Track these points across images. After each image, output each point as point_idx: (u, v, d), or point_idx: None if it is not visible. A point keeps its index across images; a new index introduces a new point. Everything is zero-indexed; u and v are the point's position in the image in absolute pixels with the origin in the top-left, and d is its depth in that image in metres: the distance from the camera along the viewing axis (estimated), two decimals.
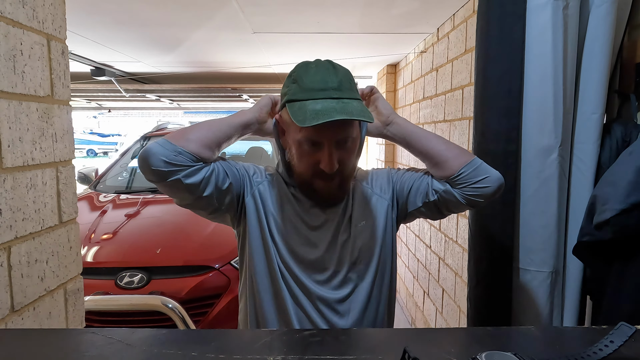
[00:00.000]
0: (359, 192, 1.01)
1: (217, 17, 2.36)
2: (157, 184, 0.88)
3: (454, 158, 0.94)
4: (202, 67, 4.11)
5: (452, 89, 2.31)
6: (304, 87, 0.86)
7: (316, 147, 0.87)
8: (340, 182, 0.93)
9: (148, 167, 0.84)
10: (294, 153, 0.91)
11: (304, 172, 0.91)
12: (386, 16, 2.35)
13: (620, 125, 1.10)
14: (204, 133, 0.89)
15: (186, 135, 0.88)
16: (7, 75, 0.74)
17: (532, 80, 1.12)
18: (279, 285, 0.93)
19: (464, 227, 2.10)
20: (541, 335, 0.52)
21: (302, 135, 0.86)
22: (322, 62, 0.90)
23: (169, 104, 6.40)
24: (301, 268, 0.94)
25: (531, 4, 1.09)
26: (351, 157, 0.92)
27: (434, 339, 0.50)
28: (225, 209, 0.95)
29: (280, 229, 0.95)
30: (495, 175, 0.93)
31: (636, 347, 0.47)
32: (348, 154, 0.90)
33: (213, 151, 0.90)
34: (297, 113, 0.83)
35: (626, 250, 0.94)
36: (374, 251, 0.97)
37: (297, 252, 0.94)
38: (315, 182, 0.91)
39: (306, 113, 0.82)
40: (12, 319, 0.75)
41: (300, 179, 0.95)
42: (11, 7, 0.75)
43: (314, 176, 0.91)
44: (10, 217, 0.74)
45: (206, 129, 0.90)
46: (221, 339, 0.49)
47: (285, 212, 0.96)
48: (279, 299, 0.94)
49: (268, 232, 0.94)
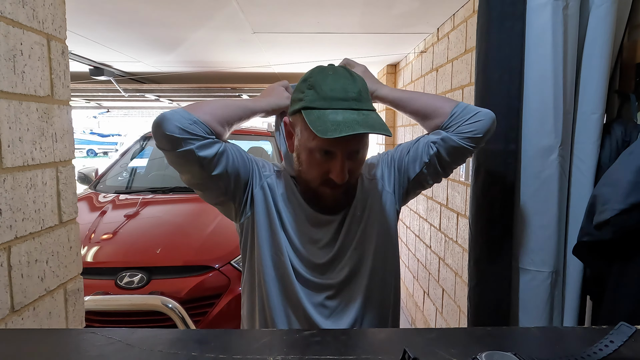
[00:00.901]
0: (363, 187, 1.00)
1: (217, 17, 2.36)
2: (168, 154, 0.85)
3: (443, 104, 0.98)
4: (202, 67, 4.11)
5: (452, 89, 2.31)
6: (322, 95, 0.84)
7: (328, 156, 0.86)
8: (347, 189, 0.93)
9: (162, 132, 0.81)
10: (303, 160, 0.90)
11: (312, 180, 0.91)
12: (386, 16, 2.35)
13: (620, 125, 1.10)
14: (220, 109, 0.88)
15: (202, 107, 0.86)
16: (7, 75, 0.74)
17: (532, 80, 1.12)
18: (289, 276, 0.93)
19: (464, 227, 2.10)
20: (541, 335, 0.52)
21: (315, 144, 0.85)
22: (339, 70, 0.89)
23: (168, 104, 6.40)
24: (304, 263, 0.94)
25: (531, 4, 1.09)
26: (360, 167, 0.93)
27: (434, 339, 0.50)
28: (232, 194, 0.93)
29: (291, 223, 0.95)
30: (485, 110, 0.96)
31: (636, 347, 0.47)
32: (358, 164, 0.91)
33: (224, 128, 0.89)
34: (317, 122, 0.82)
35: (626, 250, 0.94)
36: (377, 243, 0.97)
37: (301, 249, 0.95)
38: (322, 190, 0.91)
39: (327, 123, 0.80)
40: (12, 319, 0.75)
41: (305, 186, 0.94)
42: (11, 7, 0.74)
43: (321, 184, 0.90)
44: (10, 217, 0.74)
45: (222, 106, 0.89)
46: (221, 339, 0.49)
47: (293, 207, 0.96)
48: (287, 290, 0.93)
49: (279, 224, 0.94)
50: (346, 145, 0.85)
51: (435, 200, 2.64)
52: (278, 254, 0.93)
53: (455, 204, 2.24)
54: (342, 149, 0.85)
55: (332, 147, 0.85)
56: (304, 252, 0.94)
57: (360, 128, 0.80)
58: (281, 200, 0.95)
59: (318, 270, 0.94)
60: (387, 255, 0.99)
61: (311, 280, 0.94)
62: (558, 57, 1.08)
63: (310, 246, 0.95)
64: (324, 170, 0.88)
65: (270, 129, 3.95)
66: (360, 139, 0.86)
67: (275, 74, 4.66)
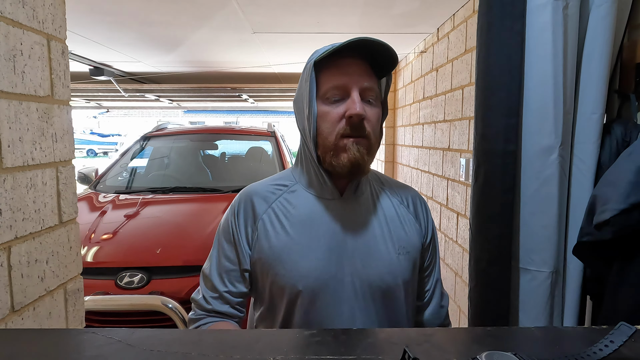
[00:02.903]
0: (383, 200, 0.94)
1: (217, 17, 2.36)
2: None
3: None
4: (202, 67, 4.11)
5: (452, 89, 2.31)
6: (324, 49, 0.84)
7: (341, 99, 0.83)
8: (368, 146, 0.84)
9: None
10: (320, 123, 0.85)
11: (329, 134, 0.83)
12: (386, 16, 2.35)
13: (620, 125, 1.10)
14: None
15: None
16: (7, 75, 0.74)
17: (532, 80, 1.12)
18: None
19: (464, 227, 2.10)
20: (541, 335, 0.52)
21: (327, 87, 0.83)
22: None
23: (168, 104, 6.40)
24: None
25: (531, 4, 1.09)
26: (376, 120, 0.86)
27: (434, 339, 0.50)
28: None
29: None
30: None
31: (636, 347, 0.47)
32: (373, 112, 0.85)
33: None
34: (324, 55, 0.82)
35: (626, 250, 0.94)
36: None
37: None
38: (342, 142, 0.82)
39: (333, 47, 0.81)
40: (12, 319, 0.75)
41: (325, 148, 0.85)
42: (11, 7, 0.75)
43: (340, 136, 0.83)
44: (10, 217, 0.74)
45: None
46: (221, 339, 0.49)
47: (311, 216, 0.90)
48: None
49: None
50: (358, 79, 0.82)
51: (435, 200, 2.64)
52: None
53: (455, 204, 2.24)
54: (354, 83, 0.82)
55: (343, 80, 0.82)
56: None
57: (369, 40, 0.79)
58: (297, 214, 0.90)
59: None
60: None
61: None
62: (558, 57, 1.08)
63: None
64: (340, 114, 0.82)
65: (271, 129, 3.94)
66: (370, 77, 0.84)
67: (275, 74, 4.67)
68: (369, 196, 0.93)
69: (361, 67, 0.84)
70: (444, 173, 2.46)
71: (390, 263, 0.88)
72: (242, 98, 5.85)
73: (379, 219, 0.91)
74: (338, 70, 0.83)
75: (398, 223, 0.93)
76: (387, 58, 0.84)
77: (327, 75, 0.84)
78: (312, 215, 0.89)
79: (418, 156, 3.09)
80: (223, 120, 18.79)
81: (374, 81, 0.86)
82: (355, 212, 0.90)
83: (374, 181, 0.98)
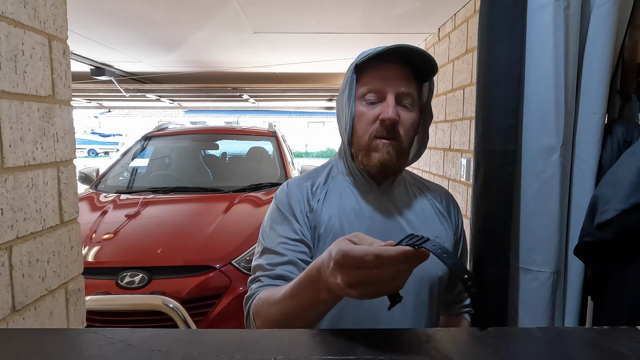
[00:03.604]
0: (420, 201, 0.97)
1: (218, 17, 2.36)
2: None
3: None
4: (203, 67, 4.11)
5: (453, 89, 2.31)
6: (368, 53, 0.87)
7: (377, 100, 0.86)
8: (399, 148, 0.87)
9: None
10: (356, 123, 0.89)
11: (363, 134, 0.87)
12: (387, 16, 2.35)
13: (621, 125, 1.10)
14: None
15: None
16: (9, 75, 0.74)
17: (534, 81, 1.12)
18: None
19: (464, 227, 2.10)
20: (542, 336, 0.52)
21: (363, 90, 0.87)
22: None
23: (169, 104, 6.40)
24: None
25: (532, 4, 1.09)
26: (410, 123, 0.88)
27: (435, 339, 0.50)
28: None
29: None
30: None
31: (636, 347, 0.47)
32: (408, 117, 0.87)
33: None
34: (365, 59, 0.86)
35: (627, 250, 0.94)
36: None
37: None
38: (374, 143, 0.86)
39: (372, 53, 0.85)
40: (13, 319, 0.75)
41: (358, 146, 0.90)
42: (12, 7, 0.75)
43: (373, 137, 0.86)
44: (12, 217, 0.74)
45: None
46: (222, 339, 0.49)
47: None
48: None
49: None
50: (395, 84, 0.85)
51: None
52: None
53: None
54: (390, 87, 0.85)
55: (379, 84, 0.86)
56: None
57: (409, 47, 0.82)
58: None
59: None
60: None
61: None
62: (559, 57, 1.07)
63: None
64: (374, 116, 0.86)
65: (272, 129, 3.94)
66: (408, 82, 0.86)
67: (276, 74, 4.67)
68: (404, 190, 0.97)
69: (400, 72, 0.86)
70: (445, 173, 2.46)
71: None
72: (243, 98, 5.85)
73: (415, 211, 0.94)
74: (377, 73, 0.87)
75: (434, 215, 0.96)
76: (427, 64, 0.87)
77: (367, 78, 0.88)
78: (351, 205, 0.91)
79: None
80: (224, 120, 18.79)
81: (412, 86, 0.88)
82: (392, 202, 0.93)
83: (408, 179, 1.02)
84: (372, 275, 0.51)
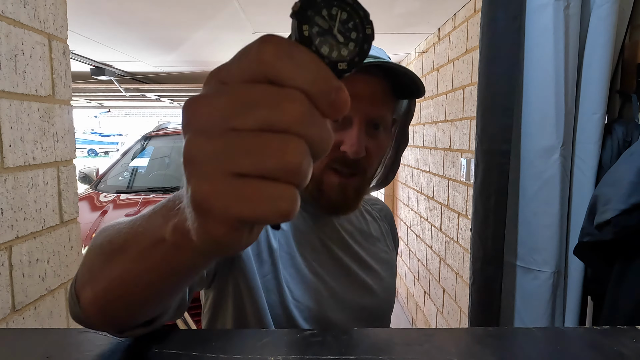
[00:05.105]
0: (365, 219, 0.84)
1: (218, 17, 2.36)
2: None
3: None
4: (203, 67, 4.11)
5: (453, 89, 2.31)
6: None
7: (342, 126, 0.65)
8: (359, 186, 0.69)
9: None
10: None
11: (317, 165, 0.67)
12: (387, 16, 2.35)
13: (621, 125, 1.10)
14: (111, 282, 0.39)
15: (85, 279, 0.41)
16: (9, 75, 0.74)
17: (534, 81, 1.12)
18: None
19: (464, 227, 2.10)
20: (542, 335, 0.52)
21: None
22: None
23: (169, 103, 6.41)
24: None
25: (533, 4, 1.09)
26: (379, 153, 0.70)
27: (435, 339, 0.50)
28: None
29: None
30: None
31: (636, 347, 0.47)
32: (377, 146, 0.68)
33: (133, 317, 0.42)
34: None
35: (627, 250, 0.94)
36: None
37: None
38: (327, 178, 0.66)
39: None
40: (13, 318, 0.75)
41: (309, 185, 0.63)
42: (12, 7, 0.75)
43: (327, 167, 0.66)
44: (12, 216, 0.74)
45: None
46: (222, 339, 0.49)
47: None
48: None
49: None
50: (365, 108, 0.64)
51: (436, 200, 2.64)
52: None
53: (456, 204, 2.24)
54: (359, 113, 0.64)
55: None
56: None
57: (383, 64, 0.61)
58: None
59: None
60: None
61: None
62: (559, 57, 1.08)
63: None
64: (335, 142, 0.65)
65: None
66: (381, 105, 0.66)
67: None
68: (355, 214, 0.82)
69: (376, 87, 0.66)
70: (445, 173, 2.46)
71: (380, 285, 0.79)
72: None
73: (364, 235, 0.81)
74: (347, 88, 0.60)
75: (377, 241, 0.83)
76: (411, 81, 0.67)
77: None
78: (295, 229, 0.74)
79: (419, 156, 3.09)
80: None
81: (387, 106, 0.69)
82: (343, 228, 0.78)
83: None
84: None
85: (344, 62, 0.25)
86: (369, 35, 0.25)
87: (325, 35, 0.24)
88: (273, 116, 0.21)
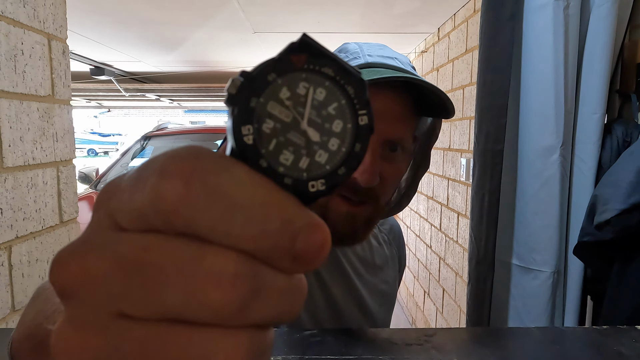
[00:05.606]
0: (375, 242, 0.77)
1: (217, 17, 2.36)
2: None
3: None
4: (203, 66, 4.11)
5: (452, 89, 2.31)
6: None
7: None
8: (370, 215, 0.59)
9: None
10: None
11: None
12: (387, 16, 2.35)
13: (621, 125, 1.10)
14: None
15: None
16: (8, 74, 0.74)
17: (533, 81, 1.12)
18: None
19: (464, 227, 2.10)
20: (542, 335, 0.52)
21: None
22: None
23: (169, 103, 6.40)
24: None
25: (532, 4, 1.09)
26: (395, 179, 0.61)
27: (435, 339, 0.50)
28: None
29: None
30: None
31: (636, 347, 0.47)
32: (394, 171, 0.59)
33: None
34: None
35: (627, 250, 0.94)
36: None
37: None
38: (334, 205, 0.56)
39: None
40: (13, 318, 0.75)
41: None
42: (12, 7, 0.75)
43: (335, 193, 0.56)
44: (11, 216, 0.74)
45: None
46: None
47: None
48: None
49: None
50: (382, 128, 0.54)
51: (435, 200, 2.64)
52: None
53: (456, 204, 2.24)
54: (374, 134, 0.38)
55: None
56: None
57: (403, 78, 0.52)
58: None
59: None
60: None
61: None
62: (559, 57, 1.08)
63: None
64: None
65: None
66: (401, 125, 0.57)
67: None
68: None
69: (396, 105, 0.57)
70: (445, 173, 2.46)
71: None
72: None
73: (368, 263, 0.74)
74: None
75: (379, 270, 0.76)
76: (438, 97, 0.57)
77: None
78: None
79: None
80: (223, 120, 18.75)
81: (408, 126, 0.60)
82: (346, 259, 0.72)
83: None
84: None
85: (320, 179, 0.15)
86: (364, 127, 0.16)
87: (286, 133, 0.14)
88: (185, 301, 0.12)
